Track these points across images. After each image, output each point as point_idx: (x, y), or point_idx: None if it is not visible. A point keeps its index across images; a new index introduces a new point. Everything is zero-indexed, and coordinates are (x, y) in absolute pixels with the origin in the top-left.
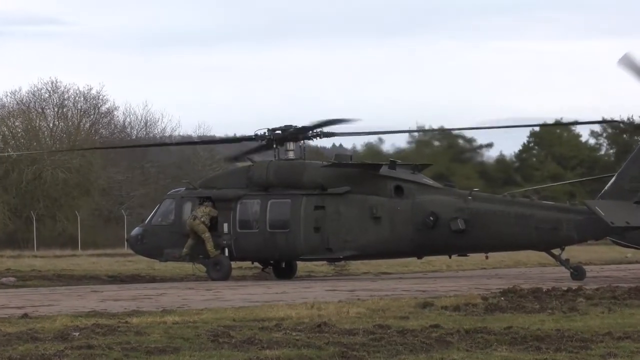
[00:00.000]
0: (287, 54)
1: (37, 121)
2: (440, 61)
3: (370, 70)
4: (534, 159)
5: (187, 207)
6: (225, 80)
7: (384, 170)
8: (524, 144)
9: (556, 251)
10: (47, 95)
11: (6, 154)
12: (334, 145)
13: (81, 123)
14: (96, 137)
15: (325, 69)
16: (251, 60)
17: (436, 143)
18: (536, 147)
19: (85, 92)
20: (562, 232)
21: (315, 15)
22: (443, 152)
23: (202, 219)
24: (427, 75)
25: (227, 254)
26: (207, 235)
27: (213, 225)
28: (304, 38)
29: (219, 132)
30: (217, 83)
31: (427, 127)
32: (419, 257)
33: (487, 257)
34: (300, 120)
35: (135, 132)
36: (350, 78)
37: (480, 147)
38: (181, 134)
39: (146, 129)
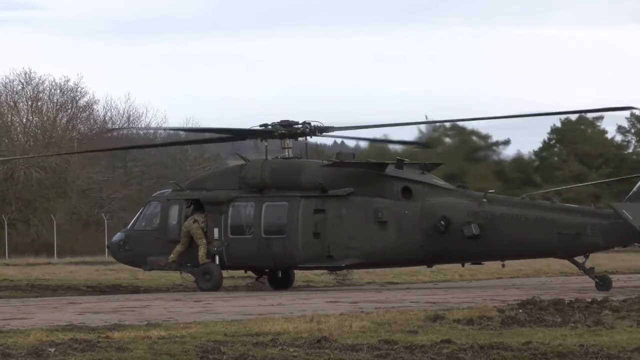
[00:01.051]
0: (285, 43)
1: (9, 116)
2: (452, 50)
3: (374, 60)
4: (556, 158)
5: (174, 210)
6: (217, 71)
7: (390, 170)
8: (544, 141)
9: (580, 259)
10: (20, 87)
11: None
12: (335, 142)
13: (57, 118)
14: (74, 134)
15: (326, 59)
16: (246, 49)
17: (447, 140)
18: (558, 145)
19: (62, 84)
20: (586, 237)
21: (315, 0)
22: (455, 149)
23: (201, 224)
24: (437, 65)
25: (217, 262)
26: (203, 241)
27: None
28: (302, 25)
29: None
30: (208, 74)
31: (437, 122)
32: (429, 266)
33: (503, 266)
34: (299, 115)
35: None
36: (352, 69)
37: (497, 144)
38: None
39: (129, 124)
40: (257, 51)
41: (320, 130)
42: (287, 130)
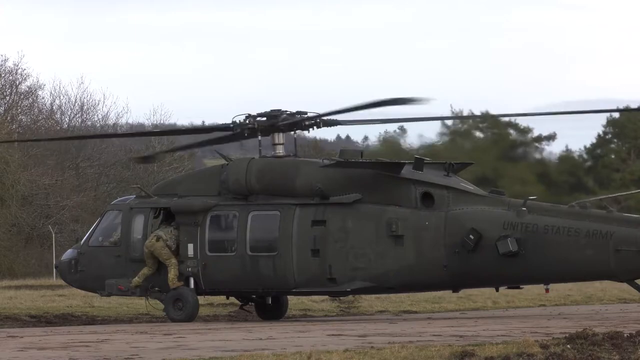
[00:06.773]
0: (277, 13)
1: None
2: (486, 22)
3: (387, 36)
4: (613, 156)
5: (138, 221)
6: (190, 49)
7: (407, 172)
8: (598, 135)
9: None
10: None
11: None
12: (338, 137)
13: None
14: (14, 126)
15: (328, 34)
16: (228, 21)
17: (478, 134)
18: (615, 140)
19: None
20: None
21: None
22: (488, 146)
23: (168, 242)
24: (466, 41)
25: (192, 285)
26: (173, 261)
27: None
28: None
29: (182, 119)
30: (179, 53)
31: (466, 113)
32: (455, 290)
33: (547, 290)
34: (291, 104)
35: (67, 119)
36: (360, 46)
37: (539, 139)
38: (130, 122)
39: (82, 115)
40: (242, 24)
41: (321, 122)
42: (280, 122)
